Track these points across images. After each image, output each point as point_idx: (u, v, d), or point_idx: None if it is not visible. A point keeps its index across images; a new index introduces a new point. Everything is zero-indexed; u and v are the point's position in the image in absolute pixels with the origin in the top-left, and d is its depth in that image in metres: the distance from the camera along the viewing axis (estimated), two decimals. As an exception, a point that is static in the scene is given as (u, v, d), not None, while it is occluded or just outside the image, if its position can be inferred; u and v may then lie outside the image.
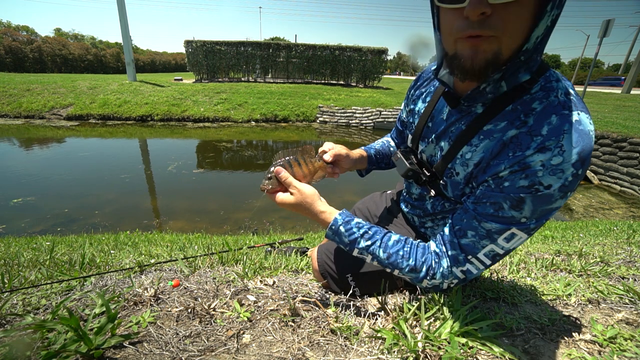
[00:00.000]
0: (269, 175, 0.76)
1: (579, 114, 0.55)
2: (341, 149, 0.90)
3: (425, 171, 0.80)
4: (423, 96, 0.84)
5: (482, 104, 0.64)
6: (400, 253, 0.69)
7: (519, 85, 0.59)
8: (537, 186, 0.55)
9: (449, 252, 0.66)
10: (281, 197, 0.76)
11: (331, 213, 0.74)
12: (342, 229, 0.72)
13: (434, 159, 0.77)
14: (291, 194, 0.75)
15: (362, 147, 1.06)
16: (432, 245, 0.71)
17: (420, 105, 0.84)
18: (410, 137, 0.87)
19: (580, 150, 0.53)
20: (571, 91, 0.58)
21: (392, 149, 1.10)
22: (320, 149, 0.88)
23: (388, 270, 0.72)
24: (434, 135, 0.76)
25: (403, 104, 0.95)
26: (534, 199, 0.56)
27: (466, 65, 0.56)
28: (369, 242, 0.71)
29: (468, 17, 0.51)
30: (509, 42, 0.53)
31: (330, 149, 0.88)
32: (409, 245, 0.71)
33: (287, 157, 0.77)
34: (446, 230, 0.69)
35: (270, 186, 0.76)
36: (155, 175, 6.96)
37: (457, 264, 0.65)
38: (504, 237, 0.60)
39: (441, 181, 0.75)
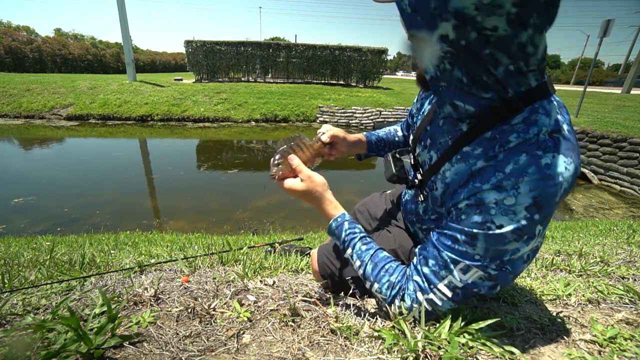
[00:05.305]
0: (277, 162, 0.78)
1: (554, 156, 0.52)
2: (338, 132, 0.92)
3: (413, 176, 0.80)
4: (431, 97, 0.83)
5: (468, 122, 0.63)
6: (386, 267, 0.70)
7: (500, 107, 0.56)
8: (489, 224, 0.54)
9: (414, 277, 0.66)
10: (290, 183, 0.77)
11: (338, 207, 0.77)
12: (346, 225, 0.75)
13: (425, 166, 0.77)
14: (302, 180, 0.76)
15: (364, 133, 1.07)
16: (407, 268, 0.71)
17: (427, 107, 0.83)
18: (411, 137, 0.88)
19: (537, 195, 0.51)
20: (562, 127, 0.55)
21: (397, 138, 1.10)
22: (318, 131, 0.90)
23: (367, 283, 0.73)
24: (429, 141, 0.76)
25: (415, 98, 0.95)
26: (486, 237, 0.55)
27: (417, 73, 0.68)
28: (364, 247, 0.73)
29: None
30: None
31: (328, 131, 0.90)
32: (395, 264, 0.72)
33: (290, 144, 0.80)
34: (415, 258, 0.70)
35: (280, 172, 0.77)
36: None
37: (422, 290, 0.65)
38: (460, 268, 0.59)
39: (424, 191, 0.76)
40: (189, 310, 0.77)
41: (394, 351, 0.61)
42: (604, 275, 1.11)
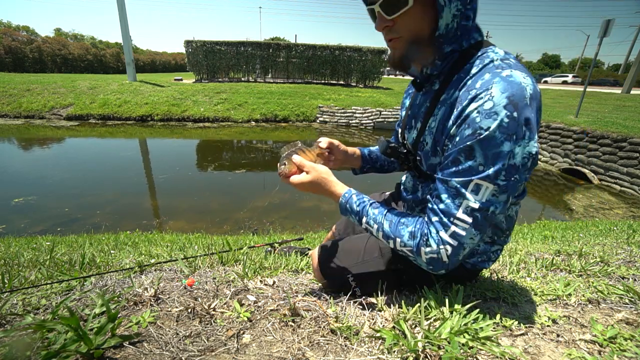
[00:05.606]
0: (284, 161, 0.86)
1: (511, 71, 0.62)
2: (334, 140, 1.01)
3: (403, 149, 0.88)
4: (410, 92, 0.97)
5: (438, 80, 0.75)
6: (403, 220, 0.73)
7: (459, 59, 0.70)
8: (479, 131, 0.61)
9: (432, 219, 0.69)
10: (297, 178, 0.83)
11: (343, 186, 0.84)
12: (354, 197, 0.80)
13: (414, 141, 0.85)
14: (307, 173, 0.83)
15: (358, 148, 1.13)
16: (424, 217, 0.74)
17: (407, 101, 0.95)
18: (399, 130, 0.97)
19: (509, 95, 0.59)
20: (510, 59, 0.67)
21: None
22: (316, 140, 0.98)
23: (390, 242, 0.74)
24: (413, 121, 0.85)
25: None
26: (480, 143, 0.61)
27: (391, 60, 0.76)
28: (376, 211, 0.77)
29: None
30: (415, 38, 0.70)
31: (325, 139, 0.99)
32: (410, 216, 0.75)
33: (293, 149, 0.87)
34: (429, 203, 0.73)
35: (287, 170, 0.84)
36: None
37: (444, 226, 0.66)
38: (471, 189, 0.63)
39: (417, 157, 0.83)
40: (189, 310, 0.77)
41: (394, 351, 0.61)
42: (604, 275, 1.11)
